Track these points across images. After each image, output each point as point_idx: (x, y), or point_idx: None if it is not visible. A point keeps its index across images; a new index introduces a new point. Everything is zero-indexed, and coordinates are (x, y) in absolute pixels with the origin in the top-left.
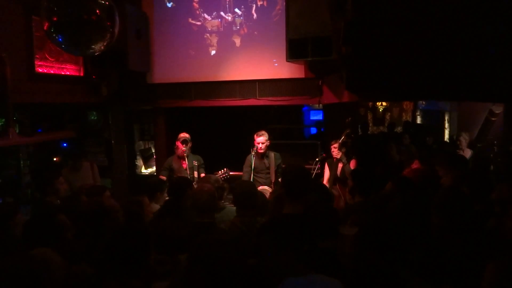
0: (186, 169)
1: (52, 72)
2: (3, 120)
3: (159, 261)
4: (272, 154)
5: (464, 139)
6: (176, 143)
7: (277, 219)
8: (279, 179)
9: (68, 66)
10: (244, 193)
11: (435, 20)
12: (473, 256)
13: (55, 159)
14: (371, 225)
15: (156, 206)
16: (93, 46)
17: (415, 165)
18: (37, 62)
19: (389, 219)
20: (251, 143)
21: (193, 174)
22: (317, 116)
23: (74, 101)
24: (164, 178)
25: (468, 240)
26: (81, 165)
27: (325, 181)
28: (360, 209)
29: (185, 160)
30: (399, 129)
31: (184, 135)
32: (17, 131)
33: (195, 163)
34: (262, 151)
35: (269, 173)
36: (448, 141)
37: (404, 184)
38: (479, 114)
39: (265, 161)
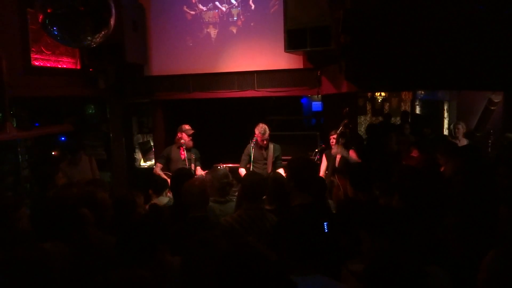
0: (184, 160)
1: (48, 65)
2: (0, 114)
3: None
4: (271, 146)
5: (462, 127)
6: (181, 134)
7: (298, 212)
8: (278, 170)
9: (64, 59)
10: (255, 185)
11: (434, 9)
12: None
13: (53, 153)
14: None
15: (165, 199)
16: (89, 38)
17: (414, 153)
18: (33, 56)
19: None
20: (250, 135)
21: (190, 166)
22: (319, 108)
23: (71, 94)
24: (160, 165)
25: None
26: (80, 159)
27: (321, 173)
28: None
29: (184, 151)
30: (397, 119)
31: (189, 128)
32: (15, 125)
33: (193, 156)
34: (264, 146)
35: (266, 163)
36: (447, 130)
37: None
38: (478, 103)
39: (264, 152)
